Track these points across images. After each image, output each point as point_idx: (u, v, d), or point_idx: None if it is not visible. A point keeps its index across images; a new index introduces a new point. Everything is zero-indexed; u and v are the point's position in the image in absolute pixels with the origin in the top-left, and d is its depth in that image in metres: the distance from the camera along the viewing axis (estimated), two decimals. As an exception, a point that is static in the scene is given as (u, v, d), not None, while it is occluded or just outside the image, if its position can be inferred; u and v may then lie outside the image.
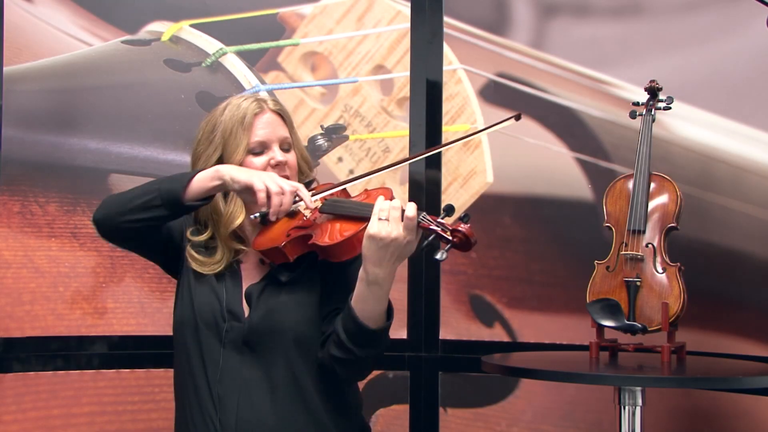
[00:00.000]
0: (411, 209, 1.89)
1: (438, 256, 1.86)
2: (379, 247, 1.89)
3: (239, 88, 3.01)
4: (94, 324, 2.90)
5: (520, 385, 2.91)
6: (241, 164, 2.07)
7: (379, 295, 1.94)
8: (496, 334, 2.94)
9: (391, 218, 1.89)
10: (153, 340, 2.89)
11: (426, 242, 1.89)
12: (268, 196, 1.97)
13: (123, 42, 3.00)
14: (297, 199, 2.02)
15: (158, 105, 2.98)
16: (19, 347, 2.82)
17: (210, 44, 3.03)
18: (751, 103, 2.65)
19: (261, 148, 2.09)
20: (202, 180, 2.00)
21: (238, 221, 2.08)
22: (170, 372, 2.17)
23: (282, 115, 2.14)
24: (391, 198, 1.95)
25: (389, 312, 1.99)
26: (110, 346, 2.90)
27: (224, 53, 3.03)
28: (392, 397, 2.98)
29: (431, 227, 1.89)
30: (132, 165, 2.95)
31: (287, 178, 2.09)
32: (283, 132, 2.12)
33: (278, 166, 2.08)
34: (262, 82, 3.04)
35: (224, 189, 2.02)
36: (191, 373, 2.06)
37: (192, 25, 3.04)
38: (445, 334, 2.98)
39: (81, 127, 2.92)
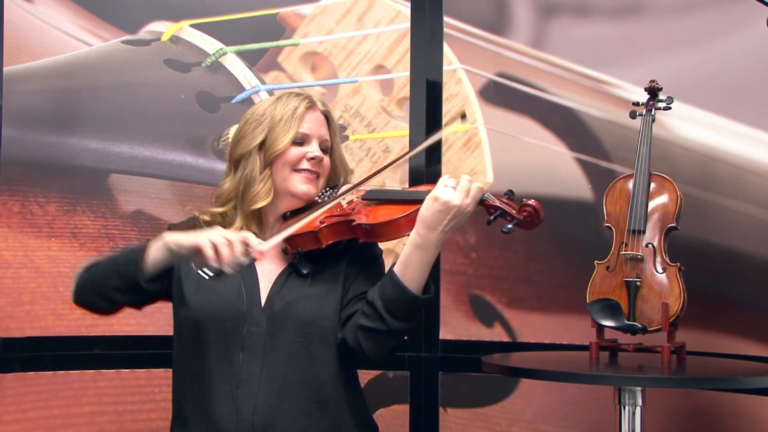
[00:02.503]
0: (478, 183, 2.00)
1: (505, 229, 2.00)
2: (439, 210, 1.96)
3: (239, 88, 3.02)
4: (94, 324, 2.90)
5: (520, 385, 2.91)
6: (283, 152, 2.09)
7: (424, 260, 1.98)
8: (496, 334, 2.94)
9: (460, 186, 1.98)
10: (153, 340, 2.89)
11: (493, 218, 2.02)
12: (216, 251, 1.91)
13: (123, 42, 3.00)
14: (246, 249, 1.94)
15: (158, 105, 2.98)
16: (19, 347, 2.82)
17: (210, 44, 3.03)
18: (752, 103, 2.65)
19: (302, 140, 2.12)
20: (153, 255, 2.02)
21: (262, 203, 2.10)
22: (170, 372, 2.17)
23: (328, 118, 2.18)
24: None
25: (427, 288, 2.02)
26: (110, 346, 2.90)
27: (224, 53, 3.03)
28: (392, 397, 2.98)
29: (495, 204, 2.01)
30: (132, 165, 2.95)
31: (319, 175, 2.14)
32: (325, 133, 2.16)
33: (314, 160, 2.11)
34: (262, 82, 3.04)
35: (175, 257, 2.01)
36: (204, 373, 2.04)
37: (192, 25, 3.04)
38: (445, 334, 2.98)
39: (81, 127, 2.92)
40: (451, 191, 1.96)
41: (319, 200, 2.14)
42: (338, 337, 2.05)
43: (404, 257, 2.00)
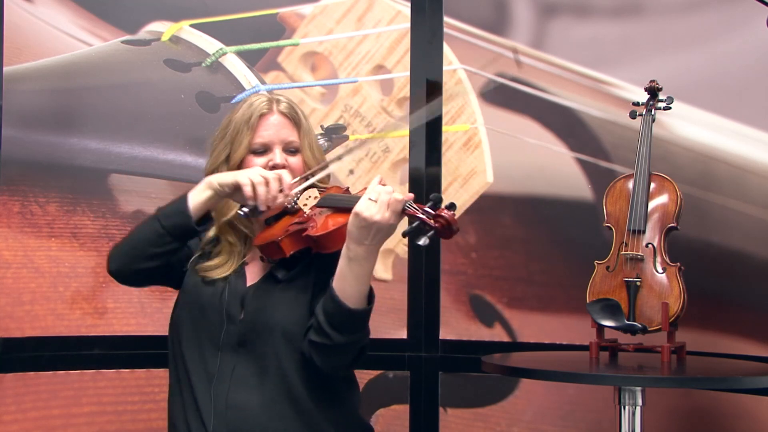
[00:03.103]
0: (398, 195, 1.93)
1: (420, 242, 1.88)
2: (361, 226, 1.92)
3: (239, 88, 3.01)
4: (94, 324, 2.90)
5: (520, 385, 2.91)
6: (242, 163, 2.10)
7: (358, 273, 1.95)
8: (496, 334, 2.94)
9: (379, 201, 1.92)
10: (153, 340, 2.89)
11: (410, 228, 1.92)
12: (254, 188, 2.01)
13: (123, 42, 3.00)
14: (280, 187, 2.04)
15: (158, 105, 2.98)
16: (19, 347, 2.82)
17: (210, 44, 3.03)
18: (752, 103, 2.65)
19: (263, 149, 2.12)
20: (196, 198, 2.05)
21: (230, 215, 2.12)
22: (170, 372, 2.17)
23: (291, 118, 2.15)
24: (384, 184, 1.98)
25: (370, 297, 2.00)
26: (110, 346, 2.90)
27: (224, 53, 3.03)
28: (392, 397, 2.98)
29: (417, 215, 1.92)
30: (132, 165, 2.95)
31: None
32: (288, 135, 2.14)
33: (275, 169, 2.10)
34: (262, 82, 3.04)
35: (218, 197, 2.06)
36: (186, 374, 2.07)
37: (192, 25, 3.04)
38: (445, 334, 2.98)
39: (81, 127, 2.92)
40: (372, 206, 1.92)
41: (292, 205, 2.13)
42: (300, 348, 2.04)
43: (338, 272, 1.97)
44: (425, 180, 2.98)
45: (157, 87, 3.00)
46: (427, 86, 3.01)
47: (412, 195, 1.96)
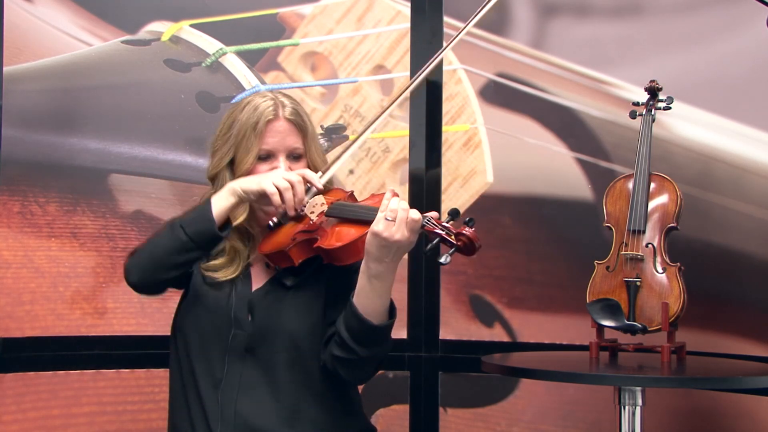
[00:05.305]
0: (416, 213, 1.91)
1: (442, 260, 1.86)
2: (381, 246, 1.90)
3: (239, 88, 3.01)
4: (94, 324, 2.90)
5: (520, 385, 2.91)
6: (250, 171, 2.08)
7: (380, 289, 1.95)
8: (496, 334, 2.94)
9: (397, 219, 1.90)
10: (153, 340, 2.89)
11: (430, 246, 1.91)
12: (281, 195, 1.99)
13: (123, 42, 3.00)
14: (308, 186, 2.04)
15: (158, 105, 2.98)
16: (19, 347, 2.82)
17: (210, 44, 3.03)
18: (752, 103, 2.65)
19: (267, 155, 2.10)
20: (219, 204, 2.01)
21: (238, 221, 2.10)
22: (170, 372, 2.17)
23: (296, 124, 2.12)
24: (397, 196, 1.96)
25: (391, 310, 2.00)
26: (110, 346, 2.90)
27: (224, 53, 3.03)
28: (392, 397, 2.98)
29: (436, 231, 1.90)
30: (132, 165, 2.95)
31: None
32: (293, 142, 2.11)
33: None
34: (262, 82, 3.04)
35: (242, 203, 2.05)
36: (193, 378, 2.06)
37: (192, 25, 3.04)
38: (445, 334, 2.97)
39: (81, 127, 2.92)
40: (391, 226, 1.89)
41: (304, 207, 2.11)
42: (321, 359, 2.05)
43: (360, 288, 1.97)
44: (425, 180, 2.98)
45: (157, 87, 3.00)
46: (427, 86, 3.00)
47: (435, 213, 1.93)
